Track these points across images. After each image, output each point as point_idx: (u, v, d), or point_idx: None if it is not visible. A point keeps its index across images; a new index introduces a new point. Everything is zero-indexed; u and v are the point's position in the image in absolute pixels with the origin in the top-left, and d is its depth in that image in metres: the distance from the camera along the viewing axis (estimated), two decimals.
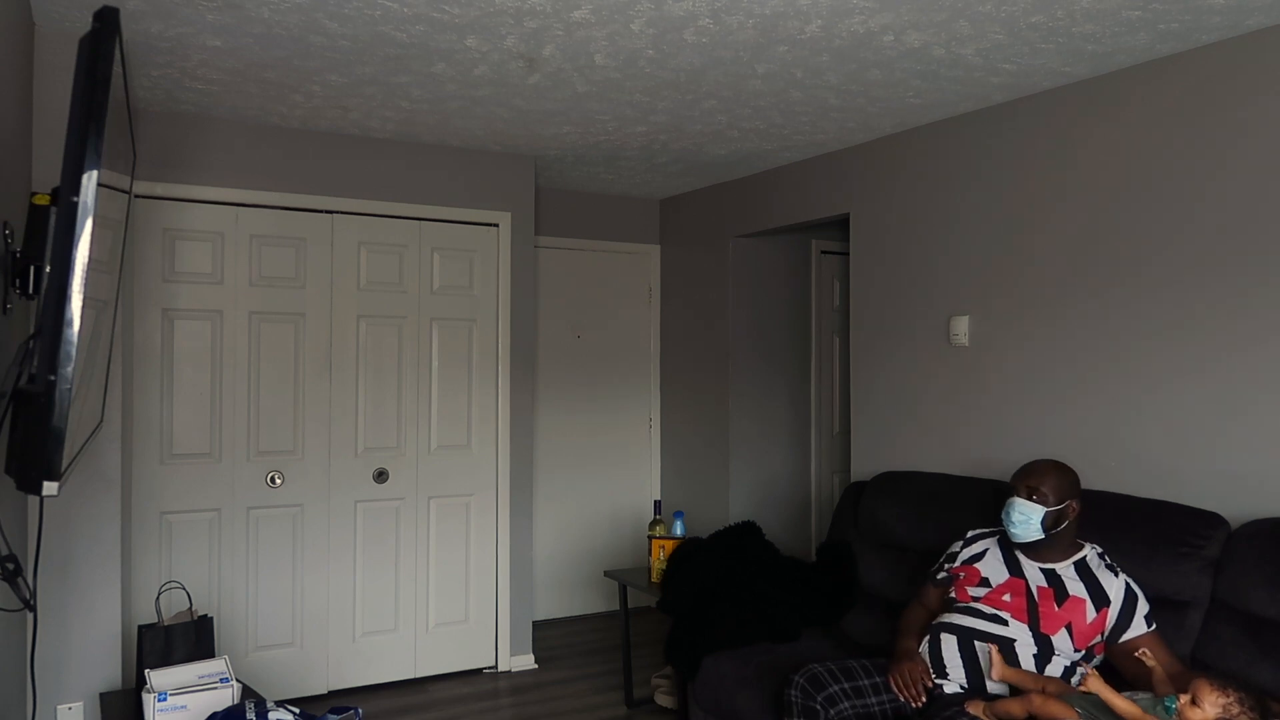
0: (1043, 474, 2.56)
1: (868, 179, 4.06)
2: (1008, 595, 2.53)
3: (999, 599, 2.53)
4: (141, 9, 2.64)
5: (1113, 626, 2.45)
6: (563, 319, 5.28)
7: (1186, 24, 2.68)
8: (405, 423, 4.18)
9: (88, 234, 1.59)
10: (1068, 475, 2.57)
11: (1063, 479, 2.55)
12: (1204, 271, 2.83)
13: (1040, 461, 2.62)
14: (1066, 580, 2.51)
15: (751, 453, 4.99)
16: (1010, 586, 2.55)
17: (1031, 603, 2.49)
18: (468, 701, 3.99)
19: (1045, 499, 2.53)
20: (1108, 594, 2.47)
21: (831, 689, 2.46)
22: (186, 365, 3.74)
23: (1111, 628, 2.45)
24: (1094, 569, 2.52)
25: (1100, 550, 2.59)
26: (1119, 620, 2.45)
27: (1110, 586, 2.48)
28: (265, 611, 3.89)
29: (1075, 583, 2.50)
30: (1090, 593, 2.48)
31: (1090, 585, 2.49)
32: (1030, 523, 2.53)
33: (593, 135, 4.02)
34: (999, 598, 2.54)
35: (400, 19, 2.70)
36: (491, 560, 4.37)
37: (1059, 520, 2.53)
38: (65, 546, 3.03)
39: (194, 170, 3.73)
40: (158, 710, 2.33)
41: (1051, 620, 2.45)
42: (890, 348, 3.94)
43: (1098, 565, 2.53)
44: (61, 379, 1.60)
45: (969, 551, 2.73)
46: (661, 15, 2.64)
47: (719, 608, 3.26)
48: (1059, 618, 2.45)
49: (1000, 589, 2.55)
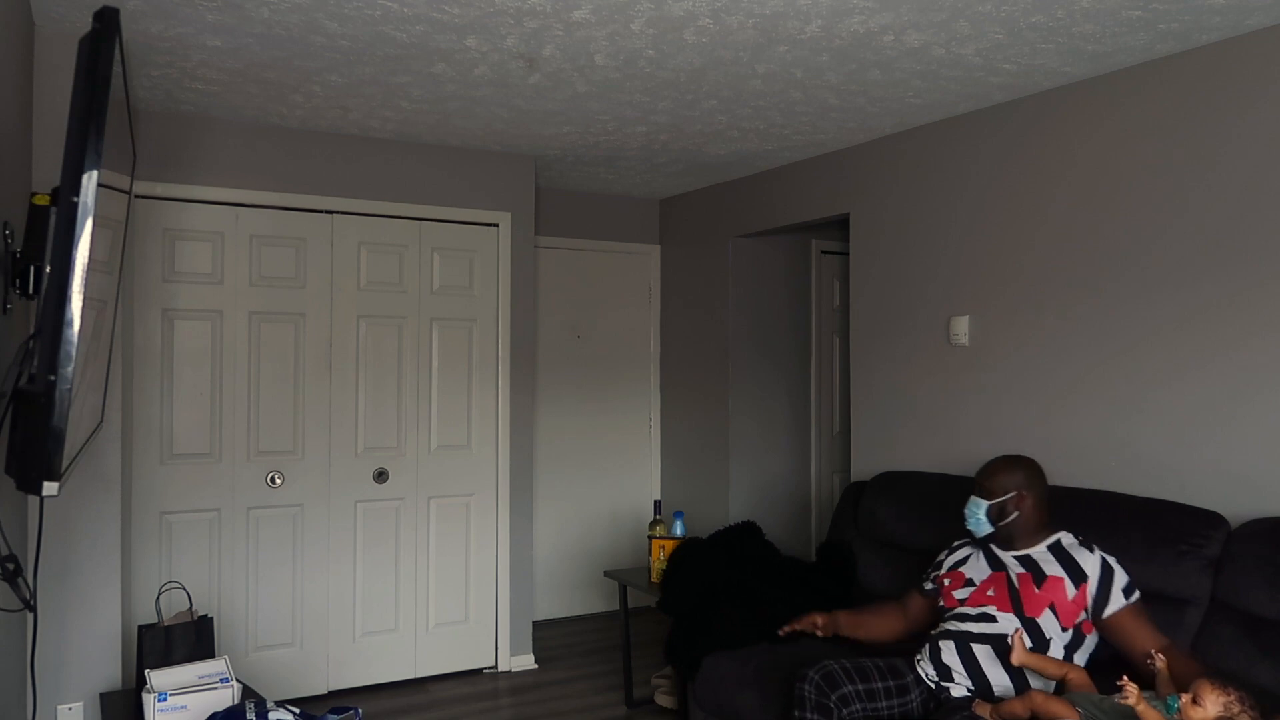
0: (989, 471, 2.68)
1: (867, 179, 4.06)
2: (991, 590, 2.58)
3: (984, 595, 2.59)
4: (141, 9, 2.64)
5: (1094, 601, 2.49)
6: (563, 319, 5.28)
7: (1186, 24, 2.68)
8: (405, 423, 4.18)
9: (88, 234, 1.60)
10: (1015, 470, 2.65)
11: (1008, 473, 2.64)
12: (1204, 271, 2.83)
13: (992, 460, 2.73)
14: (1042, 562, 2.56)
15: (751, 453, 4.99)
16: (993, 581, 2.60)
17: (1013, 589, 2.54)
18: (468, 701, 3.99)
19: (989, 493, 2.64)
20: (1084, 570, 2.51)
21: (846, 689, 2.47)
22: (186, 365, 3.74)
23: (1093, 603, 2.49)
24: (1069, 549, 2.57)
25: (1076, 534, 2.64)
26: (1098, 594, 2.48)
27: (1086, 563, 2.53)
28: (265, 611, 3.89)
29: (1051, 563, 2.55)
30: (1067, 571, 2.52)
31: (1066, 564, 2.54)
32: (976, 516, 2.65)
33: (593, 135, 4.02)
34: (984, 594, 2.59)
35: (400, 19, 2.70)
36: (491, 560, 4.37)
37: (1003, 512, 2.62)
38: (65, 546, 3.03)
39: (194, 170, 3.73)
40: (158, 710, 2.33)
41: (1034, 602, 2.50)
42: (890, 348, 3.94)
43: (1072, 545, 2.58)
44: (61, 379, 1.60)
45: (953, 558, 2.80)
46: (661, 15, 2.65)
47: (719, 608, 3.26)
48: (1041, 599, 2.50)
49: (984, 585, 2.61)
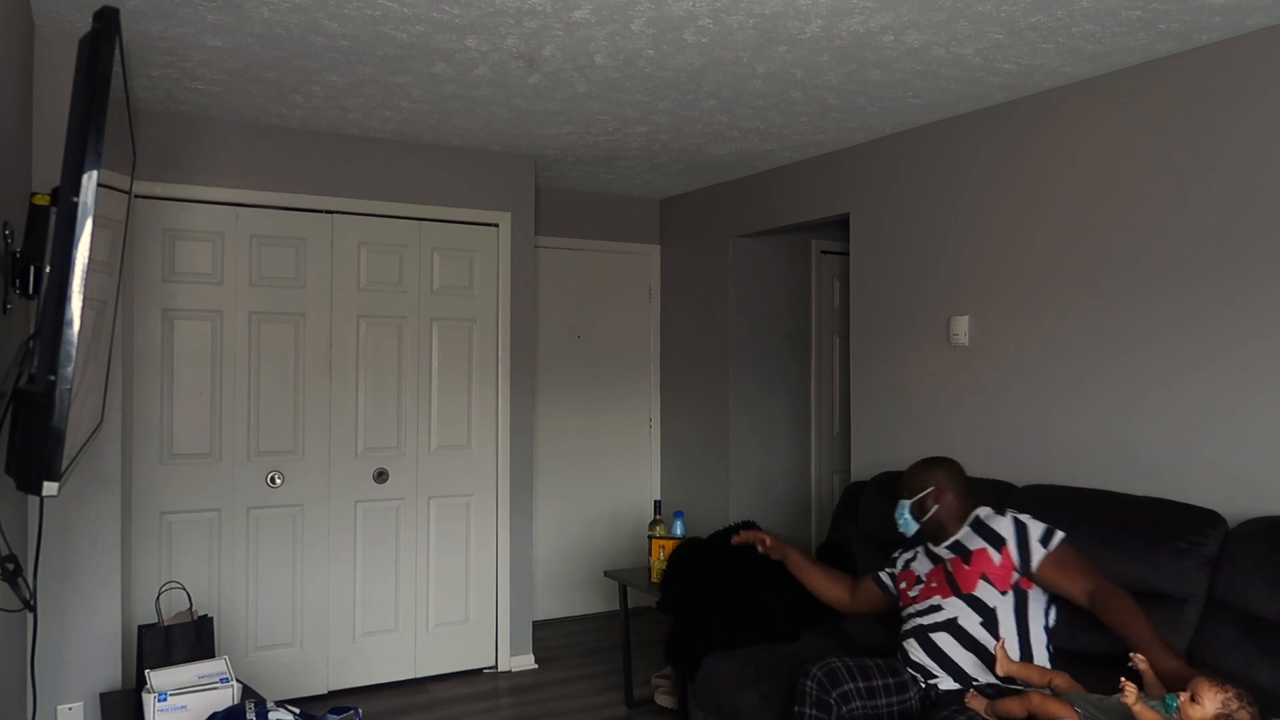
0: (909, 473, 2.88)
1: (867, 179, 4.06)
2: (934, 582, 2.73)
3: (929, 588, 2.73)
4: (141, 9, 2.64)
5: (1019, 559, 2.60)
6: (563, 319, 5.28)
7: (1186, 24, 2.68)
8: (405, 423, 4.18)
9: (88, 234, 1.60)
10: (931, 468, 2.83)
11: (925, 473, 2.83)
12: (1204, 271, 2.83)
13: (913, 463, 2.95)
14: (966, 541, 2.71)
15: (751, 453, 4.99)
16: (934, 574, 2.75)
17: (948, 574, 2.69)
18: (468, 701, 3.99)
19: (910, 493, 2.84)
20: (1000, 534, 2.65)
21: (846, 686, 2.53)
22: (186, 365, 3.74)
23: (1019, 561, 2.60)
24: (985, 520, 2.72)
25: (991, 507, 2.78)
26: (1019, 552, 2.60)
27: (1000, 527, 2.66)
28: (265, 611, 3.89)
29: (974, 539, 2.70)
30: (987, 540, 2.66)
31: (985, 534, 2.68)
32: (903, 516, 2.84)
33: (593, 135, 4.02)
34: (929, 587, 2.74)
35: (400, 19, 2.70)
36: (491, 560, 4.37)
37: (924, 508, 2.79)
38: (65, 546, 3.03)
39: (194, 170, 3.73)
40: (158, 710, 2.33)
41: (966, 579, 2.64)
42: (890, 347, 3.94)
43: (989, 515, 2.72)
44: (61, 379, 1.60)
45: (904, 557, 2.95)
46: (661, 15, 2.65)
47: (719, 608, 3.26)
48: (971, 574, 2.63)
49: (928, 579, 2.76)
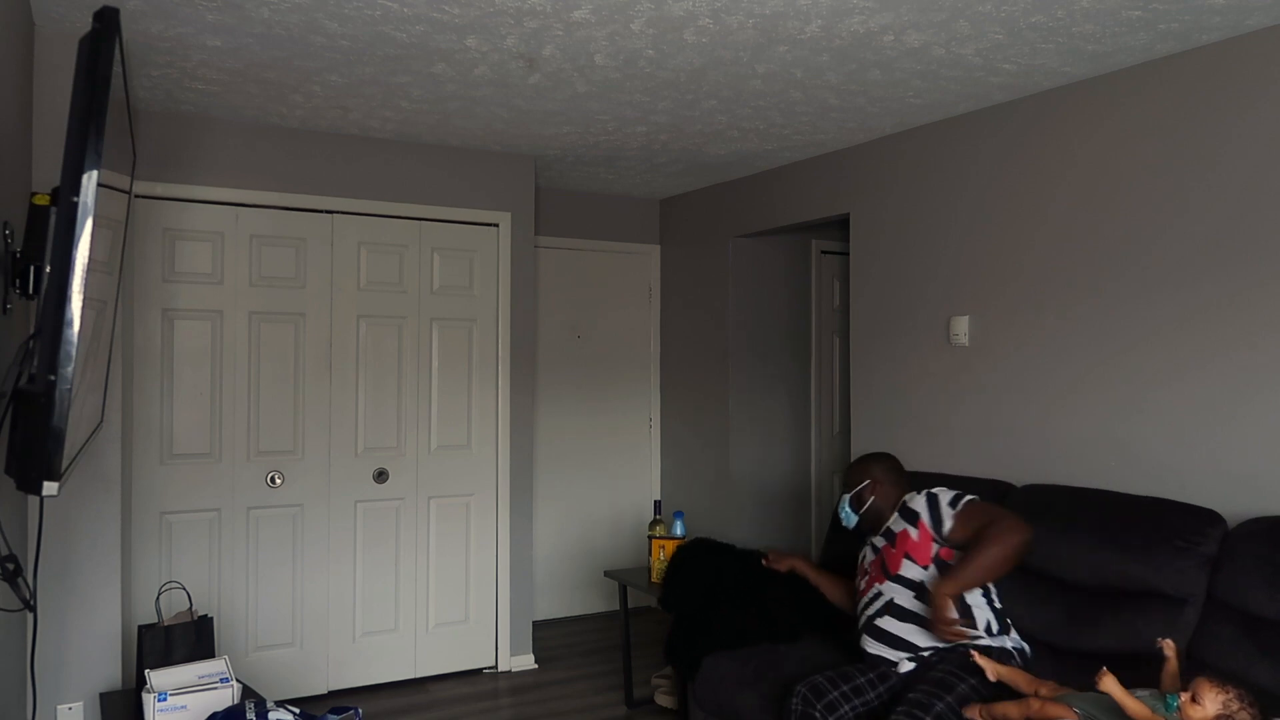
0: (848, 469, 3.01)
1: (867, 179, 4.06)
2: (873, 571, 2.85)
3: (871, 578, 2.84)
4: (141, 9, 2.64)
5: (934, 529, 2.71)
6: (563, 319, 5.28)
7: (1186, 24, 2.68)
8: (405, 423, 4.18)
9: (88, 234, 1.60)
10: (868, 463, 2.96)
11: (862, 467, 2.96)
12: (1204, 271, 2.83)
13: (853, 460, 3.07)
14: (893, 526, 2.84)
15: (751, 453, 4.99)
16: (875, 563, 2.86)
17: (881, 561, 2.82)
18: (468, 701, 3.99)
19: (848, 486, 2.98)
20: (915, 510, 2.77)
21: (831, 695, 2.59)
22: (186, 365, 3.74)
23: (934, 531, 2.71)
24: (908, 503, 2.83)
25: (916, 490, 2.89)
26: (933, 522, 2.72)
27: (915, 504, 2.79)
28: (265, 611, 3.89)
29: (898, 522, 2.82)
30: (907, 520, 2.79)
31: (906, 515, 2.81)
32: (844, 509, 2.97)
33: (593, 135, 4.02)
34: (871, 576, 2.85)
35: (400, 19, 2.70)
36: (491, 560, 4.37)
37: (861, 500, 2.92)
38: (65, 546, 3.03)
39: (194, 170, 3.73)
40: (158, 710, 2.33)
41: (893, 560, 2.77)
42: (890, 347, 3.94)
43: (911, 498, 2.83)
44: (61, 379, 1.60)
45: (861, 554, 3.02)
46: (661, 15, 2.65)
47: (719, 608, 3.26)
48: (897, 555, 2.77)
49: (871, 568, 2.87)
